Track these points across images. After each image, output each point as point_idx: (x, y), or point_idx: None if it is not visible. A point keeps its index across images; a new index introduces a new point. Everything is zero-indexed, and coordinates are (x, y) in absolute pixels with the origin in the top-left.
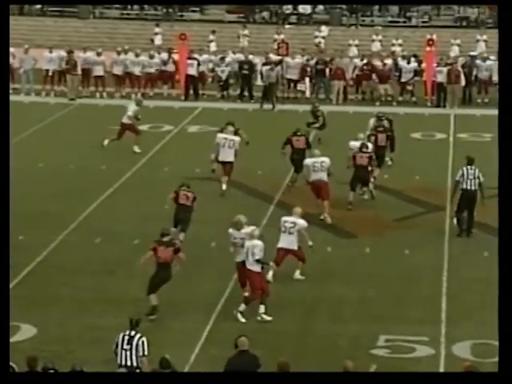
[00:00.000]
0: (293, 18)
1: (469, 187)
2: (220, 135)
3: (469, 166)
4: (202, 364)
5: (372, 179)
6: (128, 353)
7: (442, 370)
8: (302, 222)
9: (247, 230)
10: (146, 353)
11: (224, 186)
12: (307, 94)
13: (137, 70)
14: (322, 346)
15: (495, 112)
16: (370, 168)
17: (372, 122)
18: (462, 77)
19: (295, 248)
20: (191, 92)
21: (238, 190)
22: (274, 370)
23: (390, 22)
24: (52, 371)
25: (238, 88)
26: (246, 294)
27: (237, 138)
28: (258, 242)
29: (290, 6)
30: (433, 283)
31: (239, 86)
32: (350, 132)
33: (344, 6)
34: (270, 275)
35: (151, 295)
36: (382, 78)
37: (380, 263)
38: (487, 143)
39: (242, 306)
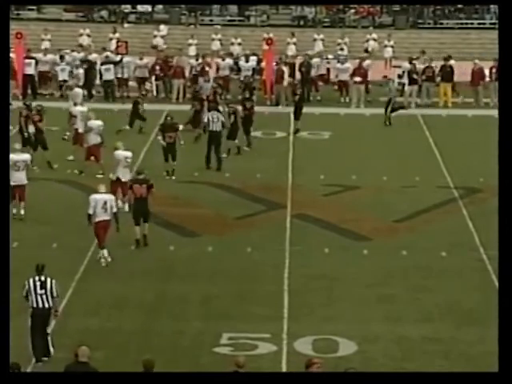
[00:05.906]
0: (132, 17)
1: (213, 129)
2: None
3: (213, 111)
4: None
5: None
6: (44, 296)
7: (284, 366)
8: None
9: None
10: (57, 294)
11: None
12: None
13: None
14: (165, 345)
15: (331, 110)
16: None
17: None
18: (286, 76)
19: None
20: (29, 91)
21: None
22: (118, 370)
23: (229, 21)
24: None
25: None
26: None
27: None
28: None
29: (128, 6)
30: (275, 280)
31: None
32: None
33: (183, 6)
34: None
35: (136, 228)
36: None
37: (222, 261)
38: (325, 140)
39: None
